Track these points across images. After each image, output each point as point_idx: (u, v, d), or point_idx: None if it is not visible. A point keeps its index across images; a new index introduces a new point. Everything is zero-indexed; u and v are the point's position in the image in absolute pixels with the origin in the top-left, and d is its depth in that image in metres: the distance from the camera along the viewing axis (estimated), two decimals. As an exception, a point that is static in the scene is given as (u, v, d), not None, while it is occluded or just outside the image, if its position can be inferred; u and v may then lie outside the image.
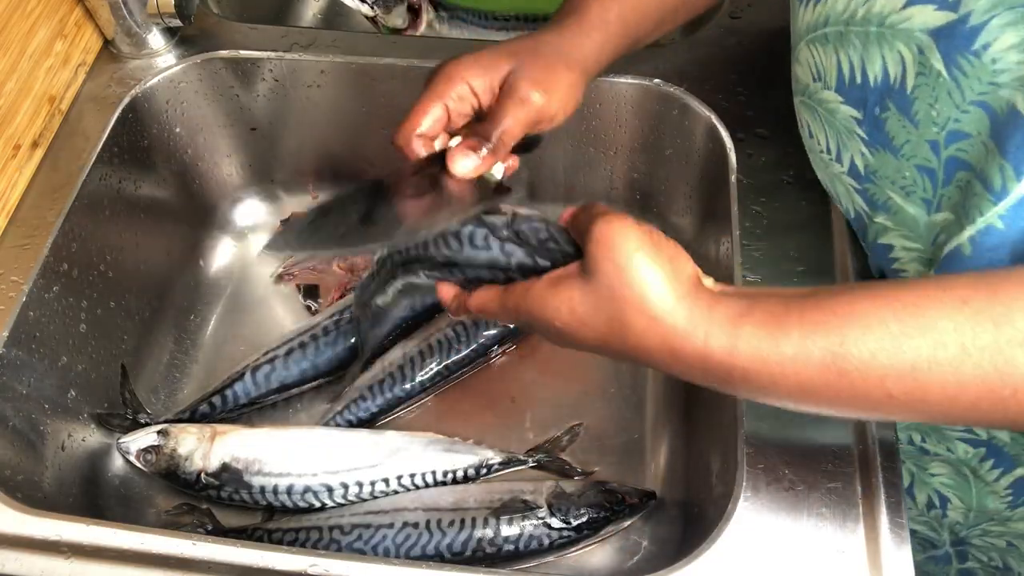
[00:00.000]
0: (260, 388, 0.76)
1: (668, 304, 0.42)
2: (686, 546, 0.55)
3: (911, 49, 0.45)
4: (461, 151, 0.51)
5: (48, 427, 0.65)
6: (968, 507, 0.67)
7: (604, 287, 0.43)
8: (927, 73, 0.45)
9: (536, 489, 0.70)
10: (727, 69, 0.75)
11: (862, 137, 0.51)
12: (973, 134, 0.44)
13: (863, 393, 0.40)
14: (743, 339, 0.41)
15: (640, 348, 0.44)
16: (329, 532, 0.68)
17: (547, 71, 0.53)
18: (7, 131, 0.67)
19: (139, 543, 0.53)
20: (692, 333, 0.42)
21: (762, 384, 0.42)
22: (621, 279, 0.43)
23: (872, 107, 0.50)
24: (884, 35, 0.46)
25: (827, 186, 0.60)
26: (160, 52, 0.78)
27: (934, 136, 0.46)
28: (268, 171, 0.88)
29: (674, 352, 0.43)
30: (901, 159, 0.49)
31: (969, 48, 0.42)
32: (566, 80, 0.54)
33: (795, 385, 0.41)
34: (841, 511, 0.53)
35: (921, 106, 0.46)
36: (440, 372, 0.77)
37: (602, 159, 0.82)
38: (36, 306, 0.64)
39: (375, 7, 0.92)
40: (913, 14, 0.44)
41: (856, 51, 0.49)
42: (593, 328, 0.44)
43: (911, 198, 0.51)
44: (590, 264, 0.44)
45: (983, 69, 0.42)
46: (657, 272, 0.42)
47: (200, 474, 0.70)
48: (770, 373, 0.41)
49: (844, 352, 0.39)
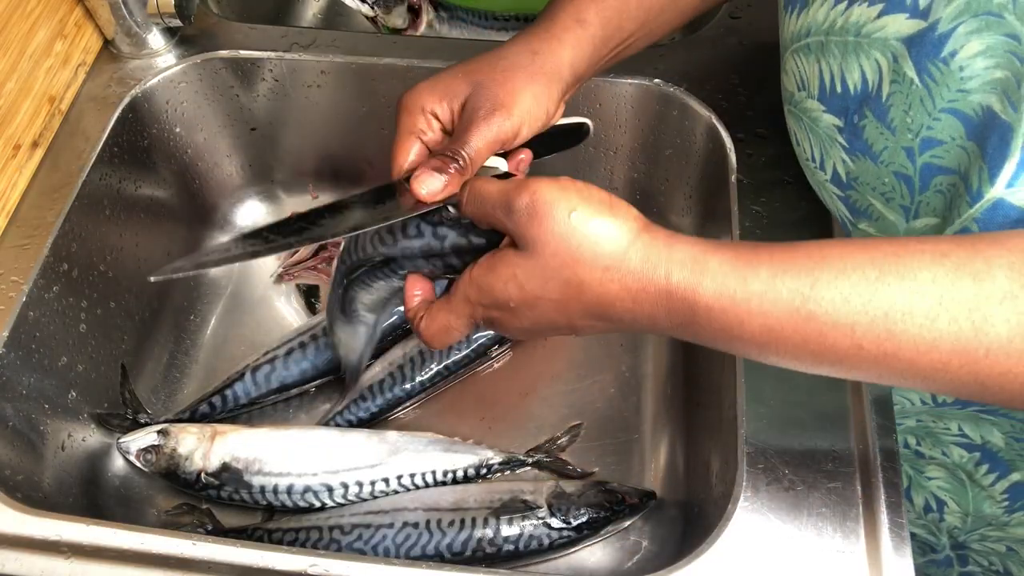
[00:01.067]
0: (260, 388, 0.76)
1: (621, 247, 0.41)
2: (686, 546, 0.55)
3: (886, 57, 0.46)
4: (427, 172, 0.49)
5: (48, 427, 0.65)
6: (965, 511, 0.67)
7: (548, 256, 0.42)
8: (900, 80, 0.45)
9: (536, 489, 0.70)
10: (727, 69, 0.75)
11: (843, 145, 0.52)
12: (947, 140, 0.45)
13: (831, 342, 0.38)
14: (708, 275, 0.39)
15: (601, 303, 0.42)
16: (329, 532, 0.68)
17: (505, 88, 0.51)
18: (7, 131, 0.67)
19: (139, 543, 0.53)
20: (652, 271, 0.40)
21: (727, 323, 0.40)
22: (565, 243, 0.41)
23: (852, 115, 0.50)
24: (861, 44, 0.47)
25: (817, 193, 0.60)
26: (160, 52, 0.78)
27: (909, 143, 0.47)
28: (268, 171, 0.88)
29: (635, 296, 0.41)
30: (880, 165, 0.49)
31: (938, 55, 0.43)
32: (528, 93, 0.52)
33: (761, 327, 0.39)
34: (841, 511, 0.53)
35: (896, 113, 0.46)
36: (440, 372, 0.77)
37: (602, 159, 0.82)
38: (36, 306, 0.64)
39: (375, 7, 0.92)
40: (887, 23, 0.45)
41: (836, 60, 0.49)
42: (548, 299, 0.43)
43: (891, 204, 0.51)
44: (525, 238, 0.43)
45: (951, 76, 0.43)
46: (601, 222, 0.41)
47: (200, 474, 0.70)
48: (736, 312, 0.39)
49: (815, 295, 0.38)
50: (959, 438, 0.62)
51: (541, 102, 0.53)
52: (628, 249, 0.41)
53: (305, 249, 0.85)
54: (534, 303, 0.44)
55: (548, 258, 0.42)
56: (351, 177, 0.88)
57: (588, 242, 0.41)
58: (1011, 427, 0.59)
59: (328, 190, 0.90)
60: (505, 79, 0.52)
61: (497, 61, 0.53)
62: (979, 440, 0.61)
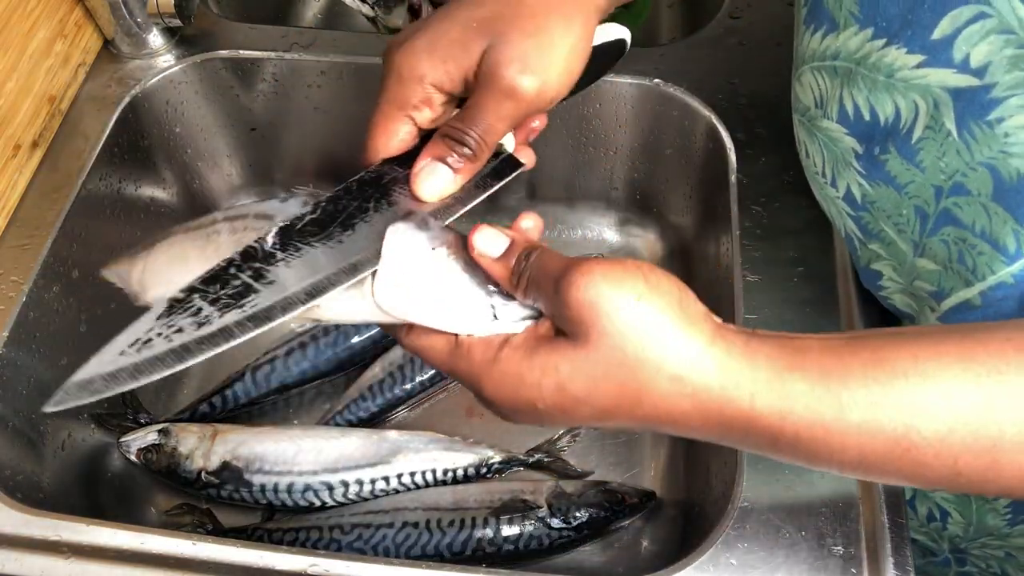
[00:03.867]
0: (260, 388, 0.76)
1: (694, 353, 0.34)
2: (686, 546, 0.55)
3: (927, 102, 0.43)
4: (428, 166, 0.40)
5: (48, 427, 0.65)
6: (968, 522, 0.67)
7: (605, 352, 0.34)
8: (936, 129, 0.43)
9: (536, 489, 0.70)
10: (727, 69, 0.75)
11: (859, 170, 0.50)
12: (973, 193, 0.43)
13: (928, 470, 0.34)
14: (800, 401, 0.33)
15: (659, 417, 0.35)
16: (329, 532, 0.68)
17: (538, 39, 0.39)
18: (7, 131, 0.67)
19: (139, 543, 0.53)
20: (734, 390, 0.34)
21: (815, 451, 0.34)
22: (628, 340, 0.34)
23: (874, 146, 0.48)
24: (895, 85, 0.45)
25: (821, 203, 0.59)
26: (160, 52, 0.78)
27: (941, 183, 0.45)
28: (268, 171, 0.88)
29: (706, 416, 0.34)
30: (903, 196, 0.47)
31: (984, 116, 0.40)
32: (566, 41, 0.40)
33: (855, 458, 0.34)
34: (841, 511, 0.53)
35: (927, 157, 0.45)
36: (440, 372, 0.77)
37: (602, 159, 0.82)
38: (36, 306, 0.64)
39: (375, 7, 0.92)
40: (928, 74, 0.42)
41: (862, 93, 0.47)
42: (593, 404, 0.35)
43: (903, 235, 0.50)
44: (578, 328, 0.34)
45: (994, 138, 0.41)
46: (670, 320, 0.34)
47: (201, 473, 0.70)
48: (828, 443, 0.34)
49: (919, 426, 0.33)
50: None
51: (580, 46, 0.41)
52: (703, 358, 0.34)
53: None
54: (572, 407, 0.35)
55: (604, 353, 0.34)
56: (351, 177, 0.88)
57: (656, 342, 0.34)
58: None
59: (328, 190, 0.89)
60: (533, 27, 0.40)
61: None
62: None
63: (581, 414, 0.36)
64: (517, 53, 0.39)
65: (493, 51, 0.39)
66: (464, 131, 0.40)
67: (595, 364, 0.34)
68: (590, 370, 0.34)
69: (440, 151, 0.40)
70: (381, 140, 0.42)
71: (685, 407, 0.34)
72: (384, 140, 0.42)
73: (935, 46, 0.41)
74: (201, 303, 0.37)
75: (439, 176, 0.40)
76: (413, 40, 0.41)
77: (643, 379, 0.34)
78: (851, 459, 0.34)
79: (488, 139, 0.40)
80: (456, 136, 0.40)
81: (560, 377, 0.35)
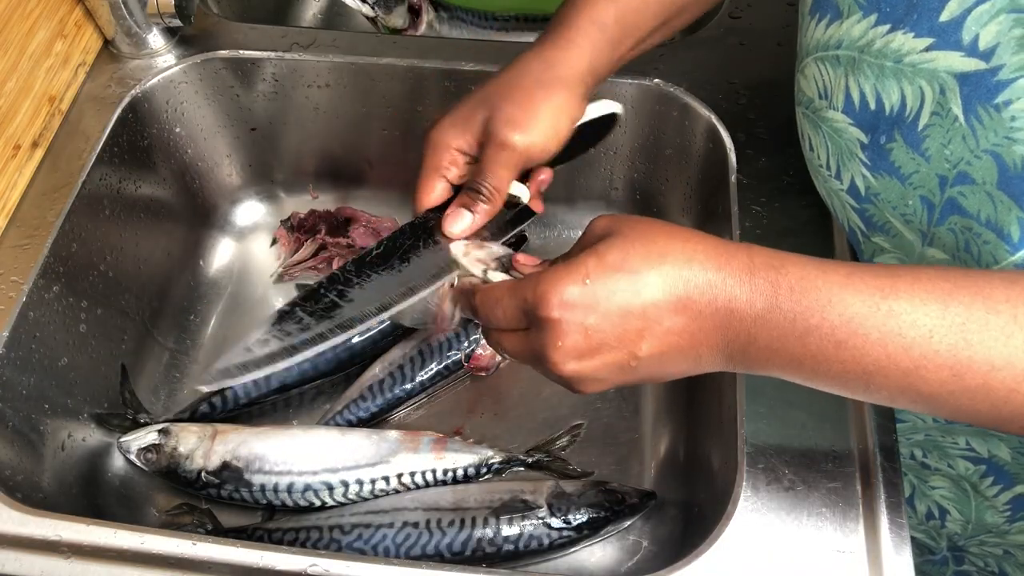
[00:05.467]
0: (260, 388, 0.76)
1: (688, 234, 0.42)
2: (686, 546, 0.55)
3: (933, 88, 0.44)
4: (454, 212, 0.51)
5: (48, 427, 0.65)
6: (967, 519, 0.67)
7: (628, 228, 0.43)
8: (943, 115, 0.44)
9: (536, 489, 0.70)
10: (727, 69, 0.75)
11: (864, 161, 0.51)
12: (978, 182, 0.44)
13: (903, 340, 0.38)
14: (789, 258, 0.40)
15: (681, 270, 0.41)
16: (329, 532, 0.68)
17: (523, 106, 0.51)
18: (7, 131, 0.67)
19: (139, 543, 0.53)
20: (732, 246, 0.41)
21: (809, 306, 0.39)
22: (646, 224, 0.43)
23: (879, 135, 0.49)
24: (903, 71, 0.45)
25: (824, 197, 0.59)
26: (160, 52, 0.78)
27: (945, 172, 0.45)
28: (268, 171, 0.88)
29: (719, 265, 0.40)
30: (908, 187, 0.48)
31: (991, 100, 0.41)
32: (548, 107, 0.51)
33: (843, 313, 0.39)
34: (841, 511, 0.53)
35: (932, 144, 0.45)
36: (440, 372, 0.77)
37: (602, 159, 0.82)
38: (36, 306, 0.64)
39: (375, 7, 0.92)
40: (936, 57, 0.43)
41: (868, 80, 0.48)
42: (625, 272, 0.41)
43: (910, 226, 0.50)
44: (606, 234, 0.43)
45: (1000, 122, 0.41)
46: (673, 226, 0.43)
47: (201, 472, 0.70)
48: (817, 296, 0.39)
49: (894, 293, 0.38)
50: (966, 452, 0.62)
51: (563, 112, 0.52)
52: (702, 236, 0.42)
53: (305, 249, 0.85)
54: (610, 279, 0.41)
55: (629, 229, 0.42)
56: (351, 177, 0.88)
57: (665, 226, 0.42)
58: (1019, 443, 0.59)
59: (328, 190, 0.90)
60: (521, 98, 0.51)
61: (511, 79, 0.52)
62: (986, 454, 0.61)
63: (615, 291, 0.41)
64: (507, 117, 0.51)
65: (491, 119, 0.51)
66: (479, 183, 0.51)
67: (625, 238, 0.42)
68: (621, 243, 0.42)
69: (463, 200, 0.51)
70: (424, 196, 0.53)
71: (703, 249, 0.41)
72: (426, 196, 0.53)
73: (944, 28, 0.43)
74: (302, 314, 0.49)
75: (462, 218, 0.51)
76: (442, 120, 0.53)
77: (662, 240, 0.41)
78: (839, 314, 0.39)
79: (496, 185, 0.51)
80: (473, 187, 0.51)
81: (611, 257, 0.41)
